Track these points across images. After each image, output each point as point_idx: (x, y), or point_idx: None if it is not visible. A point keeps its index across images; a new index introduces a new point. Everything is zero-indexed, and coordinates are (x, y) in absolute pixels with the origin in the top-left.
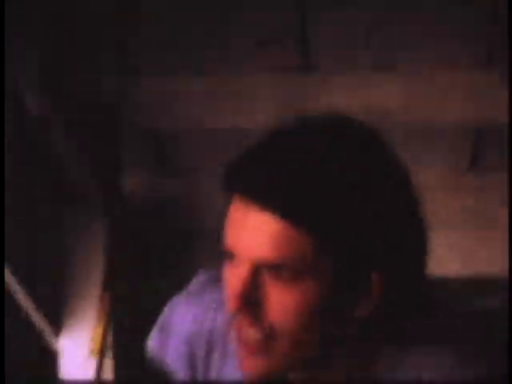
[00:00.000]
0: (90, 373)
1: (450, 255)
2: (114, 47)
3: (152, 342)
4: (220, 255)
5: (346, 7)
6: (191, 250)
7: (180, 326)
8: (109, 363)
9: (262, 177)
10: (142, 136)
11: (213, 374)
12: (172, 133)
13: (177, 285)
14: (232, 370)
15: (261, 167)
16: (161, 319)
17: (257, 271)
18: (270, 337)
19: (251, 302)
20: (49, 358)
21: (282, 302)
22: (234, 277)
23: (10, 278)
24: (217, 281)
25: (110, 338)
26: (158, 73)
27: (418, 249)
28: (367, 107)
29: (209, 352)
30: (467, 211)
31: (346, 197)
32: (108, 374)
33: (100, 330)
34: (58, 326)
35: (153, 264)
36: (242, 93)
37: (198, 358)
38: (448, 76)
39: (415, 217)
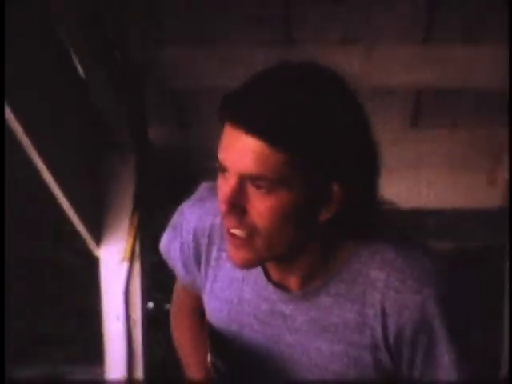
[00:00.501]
0: (122, 275)
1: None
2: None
3: (163, 240)
4: (216, 170)
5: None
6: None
7: (187, 223)
8: (137, 268)
9: (248, 108)
10: (165, 94)
11: (212, 263)
12: (190, 92)
13: None
14: (226, 261)
15: (247, 101)
16: (172, 221)
17: (242, 182)
18: (251, 234)
19: (237, 206)
20: (91, 263)
21: (261, 209)
22: (225, 186)
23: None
24: (216, 191)
25: (137, 248)
26: (179, 42)
27: (371, 169)
28: None
29: (210, 244)
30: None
31: (313, 124)
32: (136, 277)
33: (130, 242)
34: (98, 238)
35: (171, 193)
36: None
37: (201, 248)
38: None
39: (369, 145)
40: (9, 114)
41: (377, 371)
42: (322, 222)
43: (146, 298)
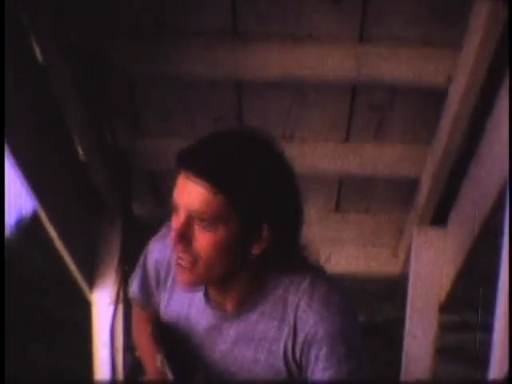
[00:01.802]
0: (109, 315)
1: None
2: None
3: (133, 278)
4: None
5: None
6: None
7: (150, 255)
8: (121, 308)
9: (196, 158)
10: (144, 176)
11: (168, 287)
12: (164, 176)
13: None
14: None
15: (195, 153)
16: (141, 257)
17: (190, 218)
18: (194, 261)
19: (184, 237)
20: (85, 306)
21: (203, 241)
22: (176, 222)
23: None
24: None
25: (122, 293)
26: (156, 134)
27: (295, 217)
28: None
29: (167, 272)
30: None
31: (247, 173)
32: (120, 316)
33: (116, 288)
34: (92, 284)
35: None
36: None
37: (161, 275)
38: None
39: (295, 198)
40: (31, 194)
41: (288, 374)
42: (253, 255)
43: (127, 331)
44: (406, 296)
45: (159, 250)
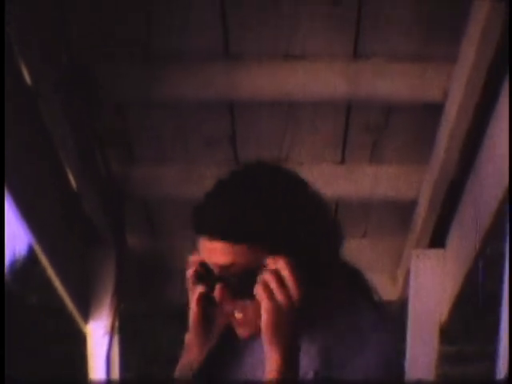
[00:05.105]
0: (105, 346)
1: None
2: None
3: None
4: None
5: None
6: (168, 279)
7: None
8: (116, 339)
9: (214, 224)
10: (138, 205)
11: None
12: (158, 205)
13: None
14: None
15: (211, 216)
16: None
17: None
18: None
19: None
20: (80, 338)
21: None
22: (219, 289)
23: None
24: None
25: (117, 323)
26: (149, 161)
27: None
28: None
29: None
30: None
31: (275, 226)
32: (115, 347)
33: (111, 319)
34: (87, 316)
35: (141, 284)
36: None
37: None
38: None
39: (329, 231)
40: (25, 226)
41: None
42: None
43: (122, 363)
44: (404, 327)
45: None
